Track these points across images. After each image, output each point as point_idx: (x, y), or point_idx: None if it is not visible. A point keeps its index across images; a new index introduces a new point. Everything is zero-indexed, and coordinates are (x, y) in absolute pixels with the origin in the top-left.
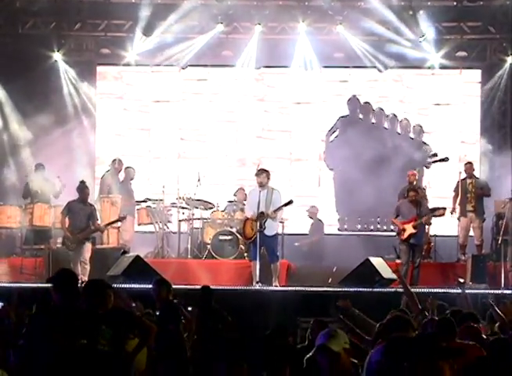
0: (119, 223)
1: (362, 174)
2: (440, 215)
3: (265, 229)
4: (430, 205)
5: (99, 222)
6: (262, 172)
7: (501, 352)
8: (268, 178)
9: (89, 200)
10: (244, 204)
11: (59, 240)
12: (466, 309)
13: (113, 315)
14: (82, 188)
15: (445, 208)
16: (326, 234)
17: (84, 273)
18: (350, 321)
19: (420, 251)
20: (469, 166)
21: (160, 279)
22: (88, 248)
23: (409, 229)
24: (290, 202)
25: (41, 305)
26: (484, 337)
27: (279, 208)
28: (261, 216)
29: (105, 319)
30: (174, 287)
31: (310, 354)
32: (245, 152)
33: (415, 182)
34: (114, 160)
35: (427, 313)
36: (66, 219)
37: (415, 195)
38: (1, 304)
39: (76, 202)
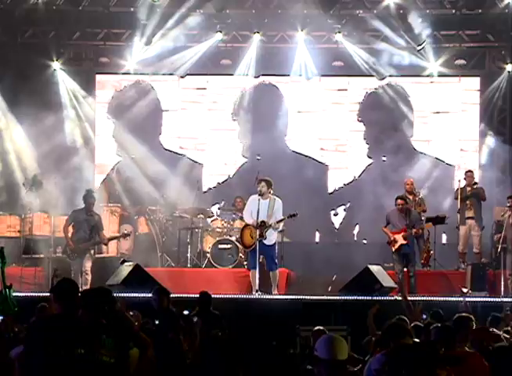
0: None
1: None
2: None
3: (265, 238)
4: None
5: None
6: (261, 181)
7: (503, 358)
8: (269, 187)
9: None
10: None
11: (59, 249)
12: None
13: (112, 324)
14: (87, 197)
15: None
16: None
17: (85, 283)
18: None
19: (413, 259)
20: (470, 175)
21: (159, 288)
22: (89, 258)
23: (400, 240)
24: (295, 215)
25: (40, 314)
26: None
27: (282, 220)
28: (263, 225)
29: (104, 328)
30: (174, 295)
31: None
32: (244, 160)
33: (412, 190)
34: (113, 168)
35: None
36: (70, 228)
37: (402, 203)
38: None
39: (81, 211)
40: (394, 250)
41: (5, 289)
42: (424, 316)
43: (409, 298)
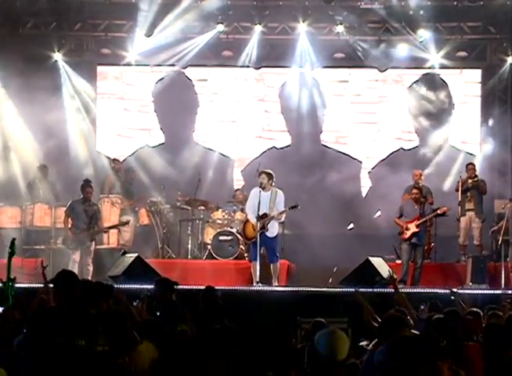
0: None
1: None
2: (444, 213)
3: (267, 230)
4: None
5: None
6: (261, 173)
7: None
8: (270, 179)
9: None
10: (243, 204)
11: (60, 240)
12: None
13: (111, 316)
14: (85, 187)
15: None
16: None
17: (87, 274)
18: None
19: (422, 251)
20: (471, 167)
21: (161, 278)
22: (90, 250)
23: (413, 228)
24: (296, 206)
25: (42, 305)
26: None
27: (284, 211)
28: (264, 217)
29: (103, 320)
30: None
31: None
32: (245, 152)
33: (420, 182)
34: (112, 159)
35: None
36: (69, 220)
37: (418, 193)
38: (1, 308)
39: (79, 202)
40: (405, 238)
41: (8, 281)
42: (422, 307)
43: (404, 291)
